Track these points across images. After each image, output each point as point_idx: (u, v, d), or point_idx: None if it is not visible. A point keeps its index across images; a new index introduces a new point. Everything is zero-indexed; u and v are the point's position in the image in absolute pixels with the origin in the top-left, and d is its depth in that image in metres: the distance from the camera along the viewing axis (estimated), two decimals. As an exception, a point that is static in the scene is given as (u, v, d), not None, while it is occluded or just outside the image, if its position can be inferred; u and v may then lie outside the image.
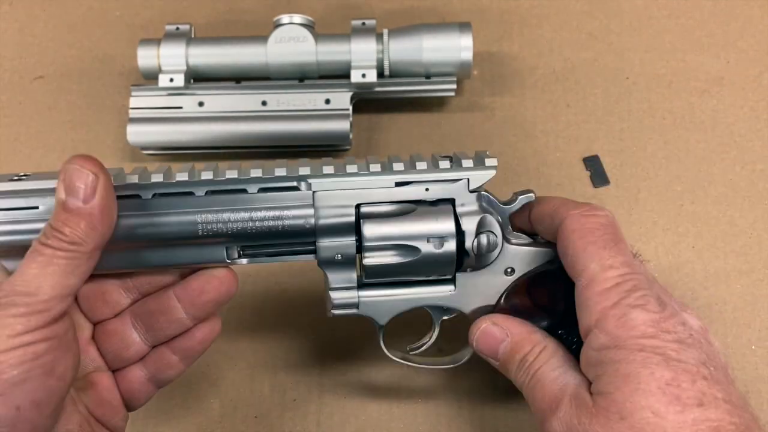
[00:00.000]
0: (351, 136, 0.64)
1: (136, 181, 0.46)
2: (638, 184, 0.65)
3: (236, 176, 0.46)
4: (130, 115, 0.64)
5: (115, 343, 0.48)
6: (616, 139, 0.66)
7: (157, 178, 0.46)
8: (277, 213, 0.46)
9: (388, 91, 0.65)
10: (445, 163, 0.48)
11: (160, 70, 0.64)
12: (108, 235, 0.43)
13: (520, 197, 0.50)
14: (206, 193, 0.46)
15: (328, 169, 0.47)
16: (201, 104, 0.64)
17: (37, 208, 0.45)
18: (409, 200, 0.47)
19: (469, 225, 0.47)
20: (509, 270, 0.49)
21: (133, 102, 0.64)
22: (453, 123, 0.67)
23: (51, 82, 0.70)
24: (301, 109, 0.64)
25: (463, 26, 0.63)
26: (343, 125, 0.63)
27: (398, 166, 0.47)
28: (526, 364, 0.46)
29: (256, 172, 0.47)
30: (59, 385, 0.41)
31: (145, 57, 0.64)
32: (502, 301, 0.50)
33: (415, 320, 0.52)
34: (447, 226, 0.47)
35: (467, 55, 0.63)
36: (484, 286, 0.49)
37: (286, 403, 0.60)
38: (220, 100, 0.64)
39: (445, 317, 0.51)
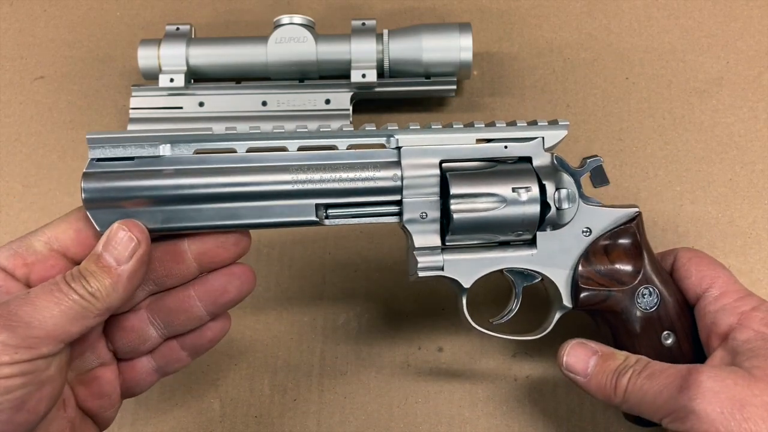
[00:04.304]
0: (351, 136, 0.64)
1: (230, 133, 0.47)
2: (638, 184, 0.65)
3: (328, 130, 0.48)
4: (131, 115, 0.64)
5: (132, 339, 0.48)
6: (616, 139, 0.66)
7: (243, 129, 0.47)
8: (364, 170, 0.47)
9: (388, 91, 0.65)
10: (522, 122, 0.50)
11: (160, 71, 0.64)
12: (124, 302, 0.44)
13: (589, 161, 0.52)
14: (298, 148, 0.47)
15: (414, 126, 0.49)
16: (201, 104, 0.64)
17: (132, 159, 0.46)
18: (489, 158, 0.50)
19: (548, 180, 0.49)
20: (586, 230, 0.51)
21: (134, 102, 0.64)
22: (453, 123, 0.67)
23: (51, 82, 0.70)
24: (301, 109, 0.64)
25: (463, 26, 0.63)
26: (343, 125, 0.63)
27: (479, 124, 0.50)
28: (628, 367, 0.48)
29: (347, 127, 0.48)
30: (29, 419, 0.40)
31: (146, 57, 0.64)
32: (581, 262, 0.51)
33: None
34: (528, 179, 0.49)
35: (467, 55, 0.63)
36: (563, 247, 0.51)
37: (286, 403, 0.60)
38: (220, 101, 0.64)
39: (525, 284, 0.53)
